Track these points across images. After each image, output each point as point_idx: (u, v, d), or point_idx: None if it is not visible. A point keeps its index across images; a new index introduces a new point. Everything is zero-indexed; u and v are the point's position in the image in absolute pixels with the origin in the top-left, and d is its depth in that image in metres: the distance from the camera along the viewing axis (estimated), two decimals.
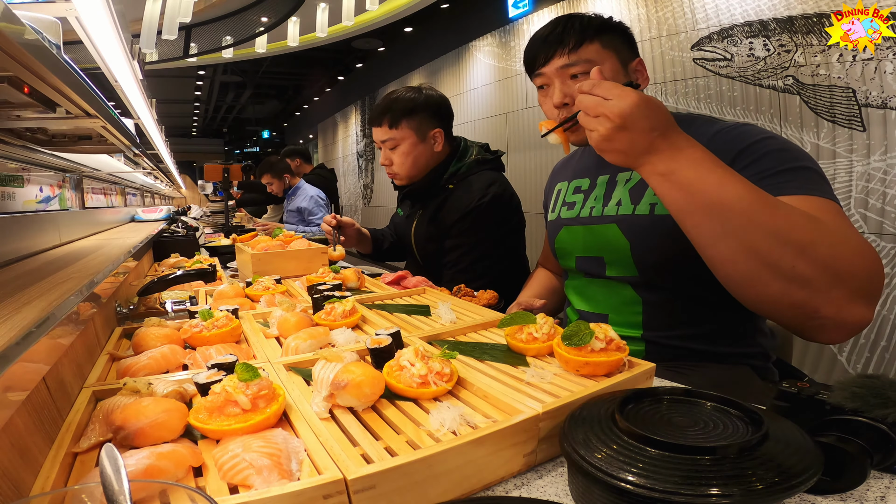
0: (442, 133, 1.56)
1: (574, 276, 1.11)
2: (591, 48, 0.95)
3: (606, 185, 1.04)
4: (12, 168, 1.34)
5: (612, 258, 0.99)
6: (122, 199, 3.31)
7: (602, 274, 1.02)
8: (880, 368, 2.41)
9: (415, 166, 1.56)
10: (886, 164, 2.32)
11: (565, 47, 0.95)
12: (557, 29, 0.97)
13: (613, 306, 1.01)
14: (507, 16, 4.66)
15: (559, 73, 0.97)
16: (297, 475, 0.44)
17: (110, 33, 1.07)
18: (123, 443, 0.49)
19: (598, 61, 0.94)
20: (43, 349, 0.48)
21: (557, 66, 0.97)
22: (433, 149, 1.56)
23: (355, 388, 0.55)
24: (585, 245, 1.04)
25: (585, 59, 0.95)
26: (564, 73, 0.97)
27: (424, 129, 1.53)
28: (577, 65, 0.95)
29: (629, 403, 0.51)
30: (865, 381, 0.48)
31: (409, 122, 1.52)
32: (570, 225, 1.09)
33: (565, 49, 0.96)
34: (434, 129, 1.54)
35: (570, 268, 1.11)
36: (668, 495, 0.38)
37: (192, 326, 0.80)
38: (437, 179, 1.58)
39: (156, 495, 0.35)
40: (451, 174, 1.57)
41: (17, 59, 0.54)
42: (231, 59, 6.78)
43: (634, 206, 0.96)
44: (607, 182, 1.04)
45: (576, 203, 1.09)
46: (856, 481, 0.45)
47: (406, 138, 1.53)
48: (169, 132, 3.84)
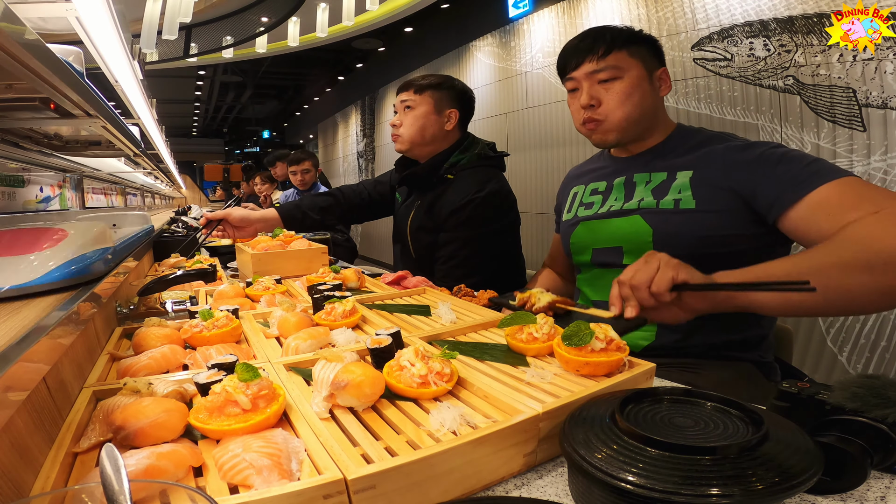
0: (457, 115, 1.62)
1: (587, 269, 1.14)
2: (618, 56, 1.03)
3: (625, 186, 1.09)
4: (13, 168, 1.34)
5: (631, 247, 1.03)
6: (122, 200, 3.31)
7: (618, 263, 1.04)
8: (880, 368, 2.40)
9: (420, 133, 1.60)
10: (886, 164, 2.32)
11: (595, 54, 1.04)
12: (588, 39, 1.06)
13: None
14: (507, 16, 4.66)
15: (588, 77, 1.05)
16: (297, 475, 0.44)
17: (110, 33, 1.07)
18: (123, 443, 0.49)
19: (625, 68, 1.03)
20: (43, 349, 0.48)
21: (587, 70, 1.05)
22: (444, 126, 1.61)
23: (355, 388, 0.55)
24: (603, 237, 1.08)
25: (612, 66, 1.03)
26: (593, 78, 1.05)
27: (443, 105, 1.61)
28: (604, 70, 1.04)
29: (629, 403, 0.51)
30: (865, 381, 0.48)
31: (433, 94, 1.60)
32: (587, 221, 1.12)
33: (595, 56, 1.04)
34: (451, 109, 1.61)
35: (585, 262, 1.13)
36: (668, 495, 0.38)
37: (192, 326, 0.80)
38: (438, 167, 1.59)
39: (156, 495, 0.35)
40: (451, 164, 1.59)
41: (20, 61, 0.54)
42: (231, 59, 6.78)
43: (658, 201, 1.01)
44: (625, 183, 1.10)
45: (594, 203, 1.14)
46: (856, 481, 0.45)
47: (423, 105, 1.60)
48: (169, 132, 3.84)
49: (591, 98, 1.05)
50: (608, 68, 1.03)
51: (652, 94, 1.06)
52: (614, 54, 1.03)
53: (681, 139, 1.07)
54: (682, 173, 1.01)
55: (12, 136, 1.09)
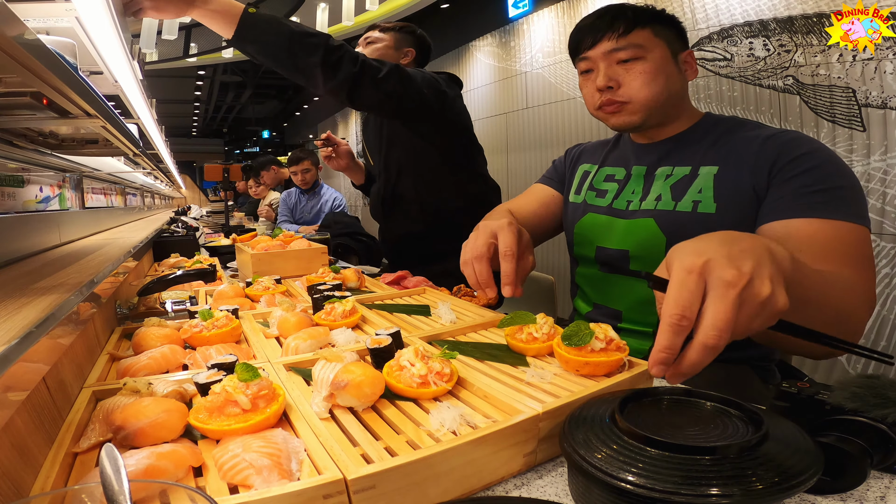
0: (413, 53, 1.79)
1: (588, 266, 1.08)
2: (642, 34, 0.93)
3: (644, 179, 1.01)
4: (12, 168, 1.34)
5: (640, 253, 0.96)
6: (122, 200, 3.30)
7: (623, 268, 0.99)
8: (880, 368, 2.40)
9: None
10: (886, 164, 2.32)
11: (615, 32, 0.94)
12: (607, 16, 0.96)
13: (630, 304, 0.99)
14: (507, 16, 4.66)
15: (605, 56, 0.95)
16: (297, 475, 0.44)
17: (110, 33, 1.07)
18: (123, 443, 0.49)
19: (648, 47, 0.93)
20: (43, 349, 0.48)
21: (605, 49, 0.95)
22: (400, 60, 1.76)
23: (355, 388, 0.55)
24: (611, 236, 1.01)
25: (635, 44, 0.93)
26: (611, 58, 0.95)
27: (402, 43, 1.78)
28: (626, 49, 0.93)
29: (629, 403, 0.51)
30: (865, 381, 0.48)
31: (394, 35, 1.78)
32: (596, 213, 1.05)
33: (614, 34, 0.94)
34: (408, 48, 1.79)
35: (587, 257, 1.07)
36: (668, 495, 0.38)
37: (192, 326, 0.80)
38: None
39: (156, 495, 0.35)
40: None
41: (20, 62, 0.54)
42: (231, 59, 6.78)
43: (676, 203, 0.94)
44: (645, 175, 1.02)
45: (607, 192, 1.06)
46: (856, 481, 0.45)
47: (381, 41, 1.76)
48: (169, 132, 3.84)
49: (610, 79, 0.95)
50: (630, 47, 0.93)
51: (678, 77, 0.96)
52: (637, 32, 0.93)
53: (709, 127, 0.98)
54: (707, 169, 0.93)
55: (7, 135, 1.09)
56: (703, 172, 0.93)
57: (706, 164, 0.93)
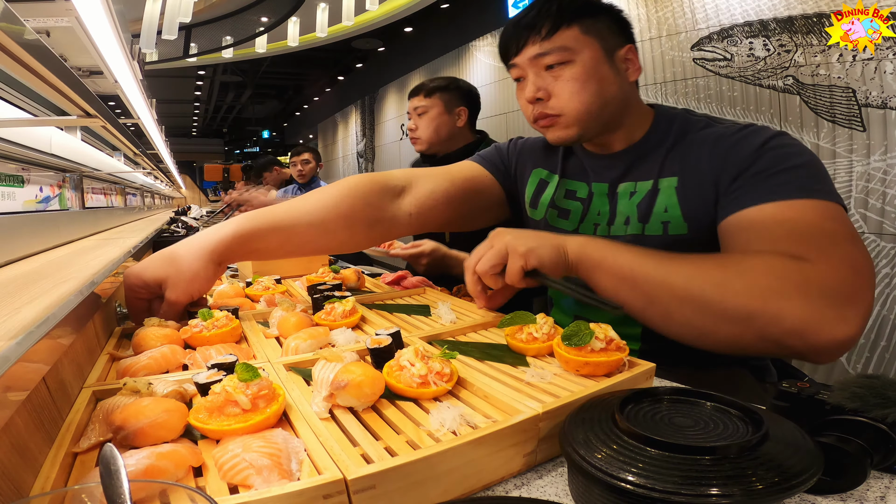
0: (466, 112, 1.78)
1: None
2: (567, 34, 0.82)
3: (608, 198, 0.93)
4: (12, 168, 1.34)
5: None
6: (122, 200, 3.30)
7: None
8: (880, 368, 2.41)
9: (436, 133, 1.77)
10: (886, 164, 2.32)
11: (538, 34, 0.83)
12: (530, 14, 0.84)
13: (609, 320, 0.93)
14: (507, 16, 4.66)
15: (532, 63, 0.85)
16: (297, 475, 0.44)
17: (110, 33, 1.07)
18: (123, 443, 0.49)
19: (576, 49, 0.82)
20: (43, 349, 0.48)
21: (530, 55, 0.84)
22: (456, 123, 1.78)
23: (355, 388, 0.55)
24: None
25: (560, 47, 0.82)
26: (538, 64, 0.84)
27: (452, 104, 1.77)
28: (551, 53, 0.83)
29: (629, 403, 0.51)
30: (865, 381, 0.48)
31: (441, 96, 1.77)
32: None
33: (538, 36, 0.83)
34: (460, 107, 1.78)
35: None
36: (668, 495, 0.38)
37: (192, 326, 0.80)
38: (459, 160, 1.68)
39: (156, 495, 0.35)
40: None
41: (20, 61, 0.54)
42: (231, 59, 6.79)
43: (643, 225, 0.86)
44: (607, 193, 0.93)
45: (570, 212, 0.98)
46: (856, 481, 0.45)
47: (434, 107, 1.77)
48: (169, 132, 3.84)
49: (538, 89, 0.84)
50: (555, 50, 0.82)
51: (616, 80, 0.85)
52: (562, 32, 0.82)
53: (662, 131, 0.88)
54: (667, 182, 0.85)
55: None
56: (664, 186, 0.85)
57: (665, 176, 0.86)
